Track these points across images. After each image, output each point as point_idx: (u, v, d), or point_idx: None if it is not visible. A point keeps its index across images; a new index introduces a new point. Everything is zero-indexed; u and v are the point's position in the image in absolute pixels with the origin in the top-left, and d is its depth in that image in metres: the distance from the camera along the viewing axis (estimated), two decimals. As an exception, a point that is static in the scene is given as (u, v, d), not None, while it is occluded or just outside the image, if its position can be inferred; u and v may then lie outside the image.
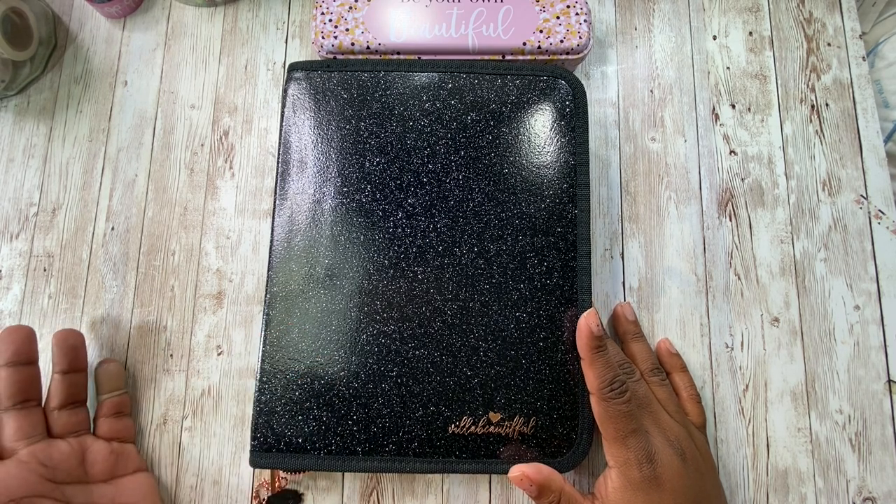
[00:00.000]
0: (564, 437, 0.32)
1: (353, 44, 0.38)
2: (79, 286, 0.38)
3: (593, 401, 0.30)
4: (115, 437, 0.34)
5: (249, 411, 0.36)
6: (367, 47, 0.38)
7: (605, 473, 0.31)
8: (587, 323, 0.30)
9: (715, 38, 0.43)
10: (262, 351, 0.33)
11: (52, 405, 0.32)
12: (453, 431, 0.32)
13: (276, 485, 0.34)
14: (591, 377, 0.30)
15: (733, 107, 0.41)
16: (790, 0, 0.44)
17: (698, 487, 0.30)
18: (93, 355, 0.37)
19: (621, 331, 0.37)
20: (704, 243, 0.39)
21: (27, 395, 0.31)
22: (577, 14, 0.39)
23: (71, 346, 0.33)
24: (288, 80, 0.36)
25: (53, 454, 0.31)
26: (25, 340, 0.31)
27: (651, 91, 0.42)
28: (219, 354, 0.37)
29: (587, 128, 0.35)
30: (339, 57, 0.39)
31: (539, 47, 0.38)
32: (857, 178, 0.40)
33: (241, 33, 0.43)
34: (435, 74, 0.36)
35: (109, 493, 0.32)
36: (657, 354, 0.36)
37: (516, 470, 0.30)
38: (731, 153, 0.41)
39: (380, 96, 0.36)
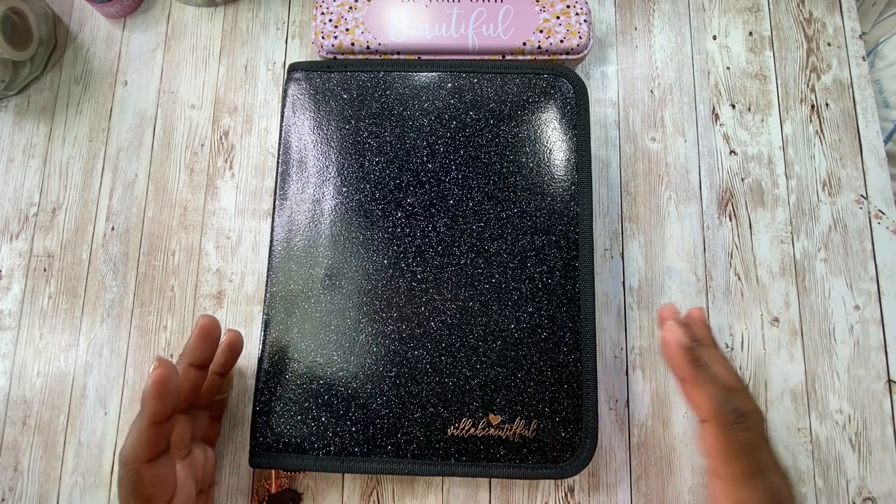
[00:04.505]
0: (567, 441, 0.32)
1: (353, 44, 0.38)
2: (79, 286, 0.38)
3: (709, 429, 0.24)
4: (211, 442, 0.33)
5: (249, 411, 0.36)
6: (367, 47, 0.38)
7: None
8: (675, 337, 0.24)
9: (715, 38, 0.43)
10: (262, 351, 0.33)
11: (199, 403, 0.31)
12: (452, 433, 0.31)
13: (276, 484, 0.34)
14: (702, 399, 0.24)
15: (733, 107, 0.41)
16: (790, 0, 0.44)
17: None
18: (93, 354, 0.37)
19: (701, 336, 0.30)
20: (704, 243, 0.39)
21: (195, 399, 0.30)
22: (577, 14, 0.39)
23: (237, 352, 0.32)
24: (288, 81, 0.36)
25: (198, 466, 0.29)
26: (217, 341, 0.29)
27: (651, 91, 0.42)
28: (219, 354, 0.37)
29: (589, 125, 0.35)
30: (339, 57, 0.39)
31: (539, 47, 0.38)
32: (857, 178, 0.40)
33: (241, 33, 0.43)
34: (434, 74, 0.36)
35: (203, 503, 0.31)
36: None
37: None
38: (731, 153, 0.41)
39: (379, 96, 0.36)
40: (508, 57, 0.39)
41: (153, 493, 0.25)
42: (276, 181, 0.35)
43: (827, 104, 0.41)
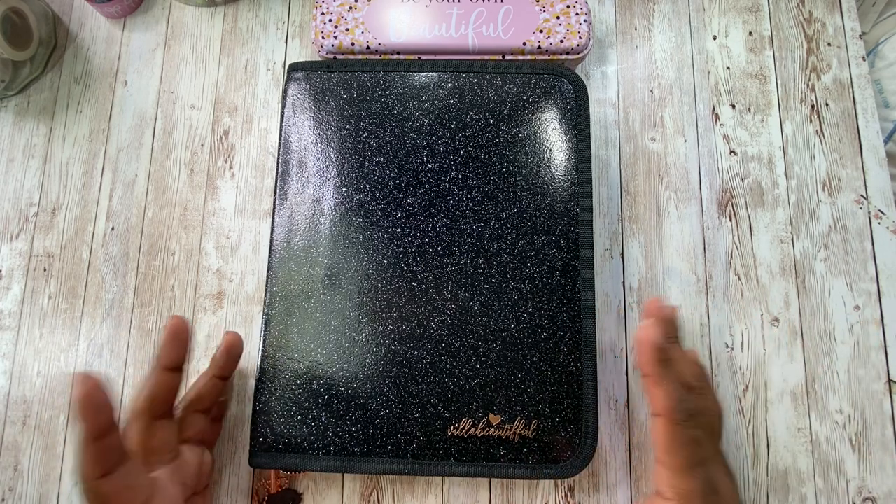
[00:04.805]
0: (567, 442, 0.32)
1: (353, 44, 0.38)
2: (79, 286, 0.38)
3: (660, 424, 0.26)
4: (210, 444, 0.33)
5: (249, 411, 0.36)
6: (367, 47, 0.38)
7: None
8: (648, 336, 0.26)
9: (715, 38, 0.43)
10: (262, 351, 0.33)
11: (196, 407, 0.31)
12: (452, 433, 0.32)
13: (276, 484, 0.34)
14: (660, 396, 0.26)
15: (733, 107, 0.41)
16: (790, 0, 0.44)
17: None
18: (93, 354, 0.37)
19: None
20: (704, 243, 0.39)
21: (174, 402, 0.29)
22: (577, 14, 0.39)
23: (237, 355, 0.32)
24: (288, 81, 0.36)
25: (187, 471, 0.29)
26: (187, 343, 0.29)
27: (651, 91, 0.42)
28: (219, 354, 0.37)
29: (589, 125, 0.35)
30: (339, 57, 0.39)
31: (539, 47, 0.38)
32: (857, 178, 0.40)
33: (241, 33, 0.43)
34: (434, 74, 0.36)
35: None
36: None
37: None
38: (731, 153, 0.41)
39: (379, 96, 0.36)
40: (508, 57, 0.39)
41: None
42: (276, 181, 0.35)
43: (827, 104, 0.41)
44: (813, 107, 0.41)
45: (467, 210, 0.34)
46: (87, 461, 0.23)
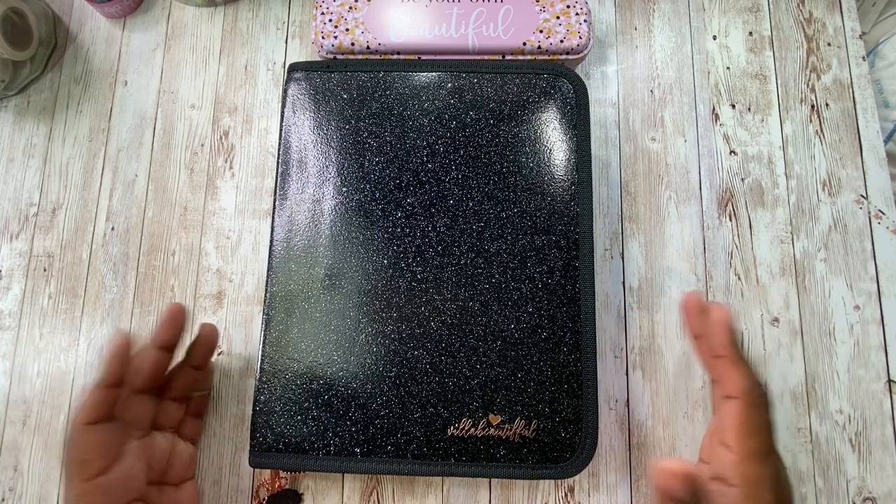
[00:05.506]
0: (567, 442, 0.32)
1: (353, 44, 0.38)
2: (79, 286, 0.38)
3: (736, 406, 0.26)
4: (189, 438, 0.34)
5: (249, 411, 0.36)
6: (367, 47, 0.38)
7: (713, 494, 0.26)
8: (725, 316, 0.27)
9: (715, 38, 0.43)
10: (262, 351, 0.33)
11: (170, 395, 0.32)
12: (452, 433, 0.31)
13: (276, 485, 0.34)
14: (738, 377, 0.26)
15: (733, 107, 0.41)
16: (790, 0, 0.44)
17: None
18: (93, 354, 0.37)
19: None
20: (704, 243, 0.39)
21: (159, 382, 0.31)
22: (577, 14, 0.39)
23: (213, 345, 0.33)
24: (288, 81, 0.36)
25: (155, 452, 0.30)
26: (183, 327, 0.30)
27: (651, 91, 0.42)
28: (219, 354, 0.37)
29: (589, 125, 0.35)
30: (339, 57, 0.39)
31: (539, 47, 0.38)
32: (857, 178, 0.40)
33: (241, 33, 0.43)
34: (434, 74, 0.36)
35: (175, 498, 0.31)
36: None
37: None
38: (731, 153, 0.41)
39: (379, 96, 0.36)
40: (508, 57, 0.39)
41: (86, 459, 0.26)
42: (276, 181, 0.35)
43: (827, 104, 0.41)
44: (813, 107, 0.41)
45: (467, 210, 0.34)
46: (86, 403, 0.26)
